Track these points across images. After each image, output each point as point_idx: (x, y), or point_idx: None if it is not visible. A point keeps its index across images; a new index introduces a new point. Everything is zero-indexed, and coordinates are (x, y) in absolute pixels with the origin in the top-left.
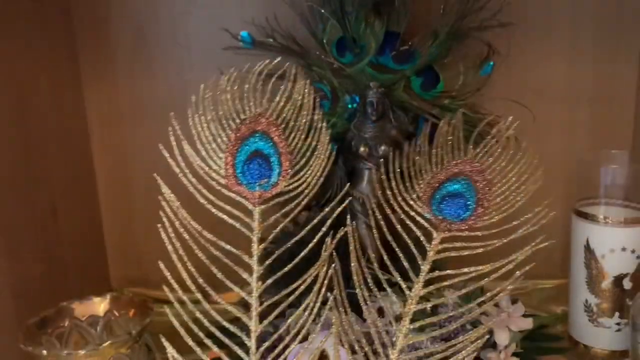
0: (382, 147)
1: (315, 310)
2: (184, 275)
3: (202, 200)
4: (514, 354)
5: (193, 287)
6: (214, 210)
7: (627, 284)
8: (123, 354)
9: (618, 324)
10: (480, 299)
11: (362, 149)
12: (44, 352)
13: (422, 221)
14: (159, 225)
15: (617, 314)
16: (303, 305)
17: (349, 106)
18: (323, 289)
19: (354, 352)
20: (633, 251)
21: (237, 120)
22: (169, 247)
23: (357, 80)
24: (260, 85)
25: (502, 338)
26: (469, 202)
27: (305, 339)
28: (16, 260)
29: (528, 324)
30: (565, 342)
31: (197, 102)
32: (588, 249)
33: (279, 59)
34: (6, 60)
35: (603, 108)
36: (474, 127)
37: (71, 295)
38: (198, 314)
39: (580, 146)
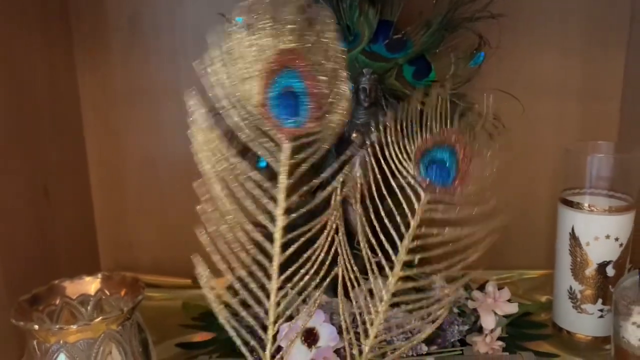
0: (374, 134)
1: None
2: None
3: (232, 125)
4: (500, 339)
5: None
6: (244, 137)
7: (610, 271)
8: (114, 331)
9: (601, 310)
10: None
11: (354, 135)
12: (36, 326)
13: (412, 181)
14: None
15: (600, 300)
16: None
17: None
18: (332, 234)
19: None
20: (617, 239)
21: (272, 51)
22: (207, 167)
23: (350, 68)
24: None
25: (488, 322)
26: (450, 171)
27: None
28: (8, 241)
29: (514, 308)
30: (549, 329)
31: (214, 40)
32: (573, 236)
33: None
34: (1, 46)
35: (591, 101)
36: (464, 115)
37: (61, 277)
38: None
39: (568, 138)
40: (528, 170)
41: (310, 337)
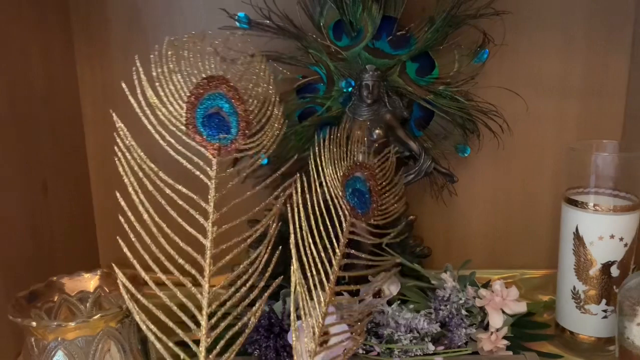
0: (377, 131)
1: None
2: (140, 208)
3: (162, 142)
4: (505, 338)
5: (148, 220)
6: (172, 153)
7: (614, 271)
8: (113, 328)
9: (605, 311)
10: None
11: (357, 132)
12: (33, 323)
13: (343, 205)
14: (115, 157)
15: (604, 300)
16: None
17: (344, 90)
18: (271, 244)
19: None
20: (621, 239)
21: (199, 77)
22: (125, 180)
23: (353, 64)
24: (221, 49)
25: (496, 320)
26: (367, 201)
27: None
28: (6, 236)
29: (522, 307)
30: (551, 329)
31: (159, 52)
32: (577, 236)
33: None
34: (1, 41)
35: (594, 100)
36: (468, 114)
37: (59, 273)
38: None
39: (570, 137)
40: (530, 169)
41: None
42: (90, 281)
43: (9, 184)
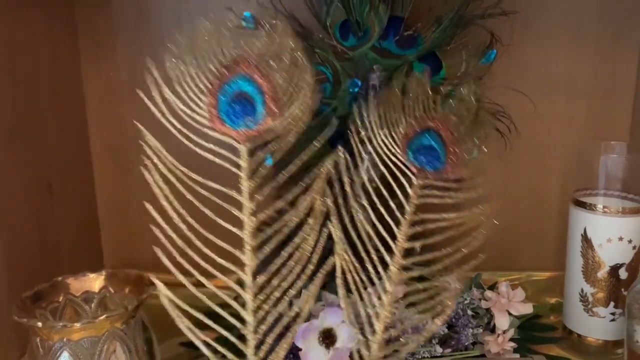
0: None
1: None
2: (174, 215)
3: (186, 142)
4: (512, 340)
5: (182, 225)
6: (199, 151)
7: (623, 274)
8: (118, 329)
9: (613, 313)
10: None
11: (362, 132)
12: (39, 324)
13: (404, 168)
14: (141, 167)
15: (612, 303)
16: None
17: (350, 90)
18: (320, 219)
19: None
20: (630, 241)
21: (217, 64)
22: (156, 191)
23: (360, 64)
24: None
25: (502, 322)
26: (441, 155)
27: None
28: (11, 236)
29: (528, 308)
30: (559, 332)
31: (173, 46)
32: (585, 238)
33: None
34: (6, 39)
35: (602, 100)
36: (475, 114)
37: (64, 273)
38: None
39: (578, 137)
40: (537, 170)
41: (328, 337)
42: (95, 281)
43: (14, 185)
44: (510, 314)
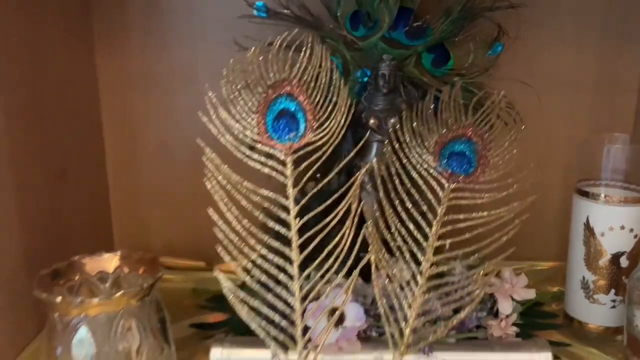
0: (392, 120)
1: (350, 237)
2: (231, 217)
3: (239, 156)
4: (514, 325)
5: (239, 227)
6: (251, 163)
7: (624, 262)
8: (133, 306)
9: (613, 300)
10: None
11: (372, 121)
12: (58, 299)
13: (434, 173)
14: (204, 179)
15: (612, 290)
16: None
17: (360, 80)
18: (356, 219)
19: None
20: (631, 230)
21: (264, 86)
22: (215, 197)
23: (369, 54)
24: (281, 55)
25: (505, 307)
26: (471, 160)
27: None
28: (28, 218)
29: (531, 294)
30: (560, 319)
31: (227, 73)
32: (588, 227)
33: (296, 30)
34: (23, 29)
35: (606, 94)
36: (479, 103)
37: (76, 255)
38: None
39: (582, 131)
40: (541, 162)
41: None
42: (110, 262)
43: (31, 170)
44: (513, 299)
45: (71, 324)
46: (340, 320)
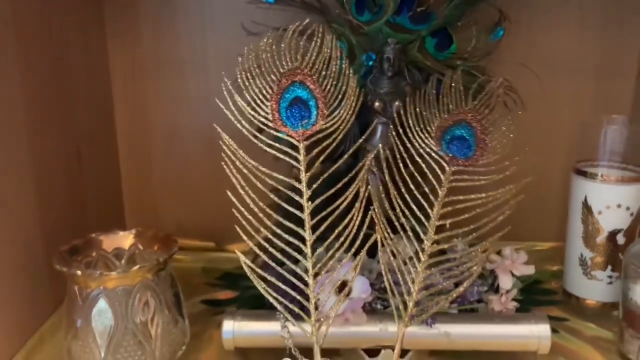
0: (396, 103)
1: (359, 219)
2: (248, 200)
3: (255, 141)
4: (514, 300)
5: (256, 209)
6: (266, 148)
7: (620, 239)
8: (149, 280)
9: (610, 277)
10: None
11: (377, 104)
12: (78, 272)
13: (436, 157)
14: (222, 162)
15: (609, 267)
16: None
17: (365, 63)
18: (364, 202)
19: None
20: (628, 208)
21: (278, 74)
22: (233, 180)
23: (374, 39)
24: (293, 44)
25: (505, 282)
26: (471, 144)
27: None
28: (45, 196)
29: (530, 270)
30: (559, 295)
31: (242, 61)
32: (586, 205)
33: (307, 20)
34: (40, 16)
35: (607, 78)
36: (480, 86)
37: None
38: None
39: (582, 114)
40: (541, 145)
41: (343, 288)
42: (126, 239)
43: (48, 151)
44: (513, 275)
45: (90, 297)
46: (347, 292)
